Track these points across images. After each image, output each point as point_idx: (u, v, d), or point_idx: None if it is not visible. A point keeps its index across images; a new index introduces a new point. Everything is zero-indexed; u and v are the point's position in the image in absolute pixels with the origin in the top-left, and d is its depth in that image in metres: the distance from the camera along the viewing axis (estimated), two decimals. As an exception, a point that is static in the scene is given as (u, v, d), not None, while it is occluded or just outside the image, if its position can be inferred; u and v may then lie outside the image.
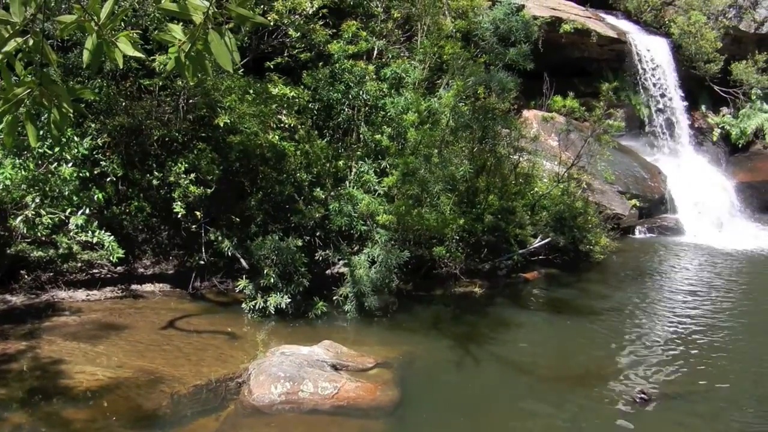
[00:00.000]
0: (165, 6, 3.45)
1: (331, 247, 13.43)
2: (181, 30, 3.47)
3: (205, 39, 3.44)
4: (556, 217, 16.60)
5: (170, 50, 3.54)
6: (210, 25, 3.42)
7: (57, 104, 3.60)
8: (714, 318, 14.48)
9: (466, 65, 15.07)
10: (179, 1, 3.41)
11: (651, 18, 26.89)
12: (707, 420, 10.09)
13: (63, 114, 3.63)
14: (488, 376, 11.34)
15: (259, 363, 9.98)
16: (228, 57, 3.48)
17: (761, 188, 25.82)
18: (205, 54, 3.50)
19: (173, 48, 3.51)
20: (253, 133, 12.90)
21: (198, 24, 3.41)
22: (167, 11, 3.49)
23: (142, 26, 12.43)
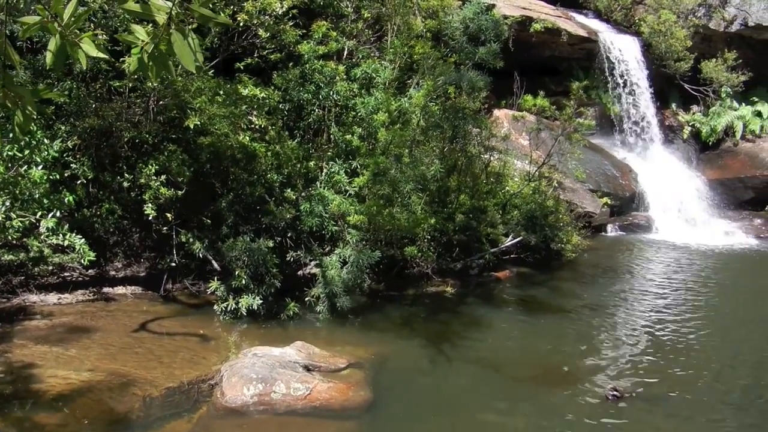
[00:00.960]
0: (128, 7, 3.46)
1: (303, 247, 13.44)
2: (145, 31, 3.49)
3: (168, 40, 3.45)
4: (527, 216, 16.70)
5: (133, 51, 3.55)
6: (173, 26, 3.43)
7: (21, 106, 3.63)
8: (685, 315, 14.63)
9: (436, 65, 15.15)
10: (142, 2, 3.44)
11: (621, 17, 27.10)
12: (679, 416, 10.21)
13: (27, 116, 3.66)
14: (460, 376, 11.39)
15: (231, 364, 9.99)
16: (191, 57, 3.50)
17: (731, 185, 26.13)
18: (169, 55, 3.51)
19: (136, 49, 3.52)
20: (223, 135, 12.89)
21: (161, 25, 3.43)
22: (131, 12, 3.49)
23: (111, 27, 12.41)
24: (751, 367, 12.28)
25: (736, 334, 13.97)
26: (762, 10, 25.59)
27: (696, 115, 27.55)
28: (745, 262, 20.78)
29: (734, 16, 26.09)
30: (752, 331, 14.21)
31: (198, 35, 12.60)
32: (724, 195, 25.94)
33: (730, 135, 26.97)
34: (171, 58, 3.56)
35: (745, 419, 10.24)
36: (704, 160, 27.23)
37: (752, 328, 14.46)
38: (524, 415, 10.25)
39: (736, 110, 27.06)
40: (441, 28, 16.93)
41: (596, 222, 21.40)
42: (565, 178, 20.06)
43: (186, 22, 3.49)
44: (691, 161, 26.95)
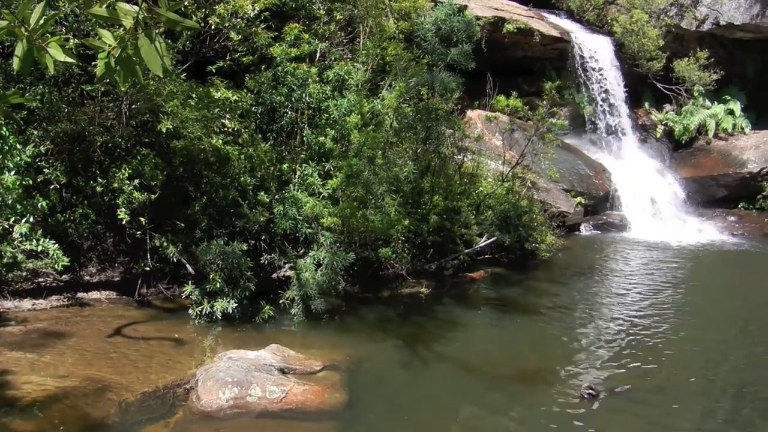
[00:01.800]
0: (95, 11, 3.49)
1: (277, 250, 13.45)
2: (113, 35, 3.51)
3: (135, 44, 3.48)
4: (501, 216, 16.83)
5: (100, 56, 3.57)
6: (140, 30, 3.47)
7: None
8: (660, 313, 14.79)
9: (408, 66, 15.18)
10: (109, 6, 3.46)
11: (593, 17, 27.33)
12: (654, 414, 10.30)
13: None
14: (436, 377, 11.46)
15: (207, 368, 9.99)
16: (158, 61, 3.52)
17: (704, 183, 26.39)
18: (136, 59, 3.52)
19: (103, 54, 3.54)
20: (196, 138, 12.87)
21: (128, 29, 3.46)
22: (97, 16, 3.52)
23: (83, 31, 12.41)
24: (725, 364, 12.47)
25: (711, 331, 14.13)
26: (733, 10, 25.87)
27: (669, 113, 27.82)
28: (719, 260, 21.06)
29: (706, 15, 26.36)
30: (726, 328, 14.41)
31: (170, 39, 12.70)
32: (698, 193, 26.20)
33: (703, 133, 27.26)
34: (138, 63, 3.57)
35: (721, 415, 10.38)
36: (677, 158, 27.50)
37: (726, 325, 14.66)
38: (500, 414, 10.28)
39: (708, 109, 27.35)
40: (413, 29, 16.96)
41: (570, 221, 21.55)
42: (538, 178, 20.20)
43: (153, 26, 3.52)
44: (665, 160, 27.21)
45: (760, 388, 11.31)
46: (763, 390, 11.26)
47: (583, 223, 22.69)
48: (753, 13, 25.70)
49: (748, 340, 13.77)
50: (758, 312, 15.50)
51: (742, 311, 15.60)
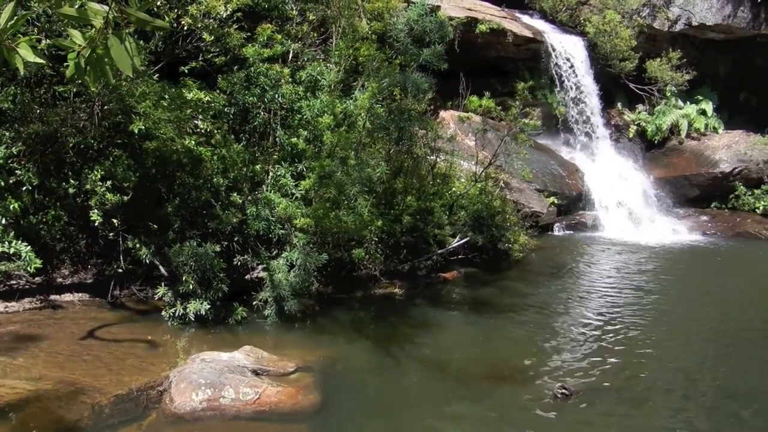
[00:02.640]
0: (65, 11, 3.53)
1: (250, 251, 13.44)
2: (83, 35, 3.55)
3: (105, 44, 3.52)
4: (474, 217, 16.94)
5: (70, 56, 3.61)
6: (110, 30, 3.51)
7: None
8: (633, 312, 14.94)
9: (381, 67, 15.17)
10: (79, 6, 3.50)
11: (566, 17, 27.55)
12: (626, 413, 10.41)
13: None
14: (410, 377, 11.49)
15: (180, 370, 9.99)
16: (128, 61, 3.56)
17: (677, 183, 26.68)
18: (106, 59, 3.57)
19: (72, 54, 3.58)
20: (169, 139, 12.81)
21: (98, 29, 3.50)
22: (67, 16, 3.57)
23: (55, 31, 12.39)
24: (699, 363, 12.61)
25: (684, 330, 14.29)
26: (705, 10, 26.16)
27: (641, 114, 28.09)
28: (692, 259, 21.31)
29: (678, 15, 26.63)
30: (699, 327, 14.59)
31: (142, 39, 12.69)
32: (671, 193, 26.50)
33: (676, 133, 27.59)
34: (108, 63, 3.61)
35: (694, 414, 10.48)
36: (650, 158, 27.79)
37: (699, 324, 14.84)
38: (473, 415, 10.36)
39: (681, 109, 27.66)
40: (386, 30, 17.01)
41: (543, 221, 21.73)
42: (511, 179, 20.36)
43: (123, 26, 3.57)
44: (637, 160, 27.48)
45: (733, 387, 11.44)
46: (737, 388, 11.38)
47: (556, 223, 22.91)
48: (725, 13, 26.01)
49: (720, 338, 13.92)
50: (731, 311, 15.71)
51: (715, 310, 15.78)
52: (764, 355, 13.07)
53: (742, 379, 11.83)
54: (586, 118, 26.28)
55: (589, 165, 25.66)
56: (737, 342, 13.67)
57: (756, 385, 11.55)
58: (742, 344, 13.56)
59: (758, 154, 26.50)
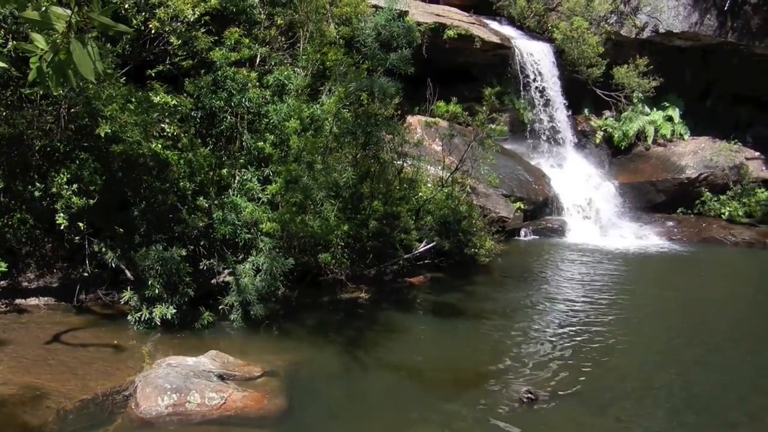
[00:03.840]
0: (27, 15, 3.56)
1: (216, 256, 13.41)
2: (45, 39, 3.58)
3: (67, 48, 3.55)
4: (440, 222, 17.02)
5: (32, 60, 3.63)
6: (73, 34, 3.53)
7: None
8: (598, 317, 15.12)
9: (348, 71, 15.19)
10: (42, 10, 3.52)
11: (534, 23, 27.75)
12: (592, 417, 10.54)
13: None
14: (376, 382, 11.59)
15: (146, 375, 10.00)
16: (90, 66, 3.59)
17: (643, 189, 26.91)
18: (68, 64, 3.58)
19: (34, 58, 3.61)
20: (135, 143, 12.75)
21: (60, 33, 3.53)
22: (30, 20, 3.59)
23: (22, 33, 12.37)
24: (664, 367, 12.79)
25: (649, 335, 14.53)
26: (672, 18, 26.41)
27: (608, 120, 28.33)
28: (658, 264, 21.54)
29: (645, 23, 26.88)
30: (665, 331, 14.82)
31: (109, 42, 12.68)
32: (637, 198, 26.74)
33: (642, 139, 27.87)
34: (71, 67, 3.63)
35: (661, 418, 10.64)
36: (617, 164, 28.05)
37: (664, 328, 15.09)
38: (440, 419, 10.42)
39: (647, 115, 27.93)
40: (354, 34, 17.13)
41: (510, 226, 21.87)
42: (478, 184, 20.48)
43: (86, 31, 3.61)
44: (604, 165, 27.73)
45: (698, 392, 11.66)
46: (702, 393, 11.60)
47: (523, 228, 23.08)
48: (692, 21, 26.28)
49: (686, 342, 14.12)
50: (696, 315, 15.97)
51: (680, 314, 16.06)
52: (729, 360, 13.26)
53: (708, 383, 12.03)
54: (553, 124, 26.50)
55: (556, 170, 25.85)
56: (703, 347, 13.88)
57: (721, 390, 11.73)
58: (707, 349, 13.78)
59: (724, 160, 26.83)
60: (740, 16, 25.84)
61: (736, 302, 17.80)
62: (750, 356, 13.46)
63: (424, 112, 22.32)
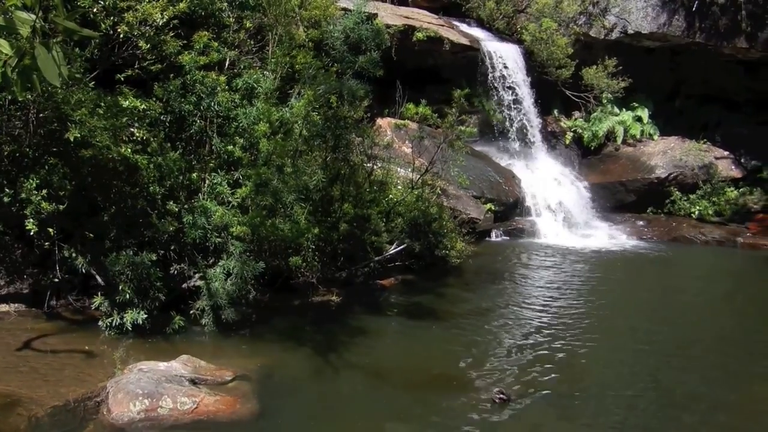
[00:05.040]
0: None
1: (186, 260, 13.47)
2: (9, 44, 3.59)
3: (32, 53, 3.56)
4: (411, 224, 17.11)
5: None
6: (38, 39, 3.54)
7: None
8: (570, 317, 15.29)
9: (317, 74, 15.22)
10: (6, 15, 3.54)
11: (503, 25, 27.97)
12: (564, 417, 10.72)
13: None
14: (348, 385, 11.70)
15: (117, 381, 10.04)
16: (55, 71, 3.61)
17: (613, 189, 27.16)
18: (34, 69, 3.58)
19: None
20: (105, 147, 12.69)
21: (25, 38, 3.54)
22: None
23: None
24: (635, 367, 12.98)
25: (620, 334, 14.76)
26: (641, 19, 26.65)
27: (578, 120, 28.57)
28: (628, 264, 21.69)
29: (614, 24, 27.10)
30: (636, 331, 15.04)
31: (78, 47, 12.64)
32: (607, 198, 26.98)
33: (612, 140, 28.10)
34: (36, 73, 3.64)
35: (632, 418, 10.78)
36: (586, 164, 28.29)
37: (635, 327, 15.31)
38: (412, 421, 10.56)
39: (617, 116, 28.16)
40: (323, 37, 17.18)
41: (480, 228, 21.97)
42: (448, 185, 20.60)
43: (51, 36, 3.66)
44: (574, 166, 27.96)
45: (670, 391, 11.82)
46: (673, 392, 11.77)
47: (494, 230, 23.22)
48: (660, 22, 26.50)
49: (656, 342, 14.26)
50: (666, 314, 16.16)
51: (651, 315, 16.25)
52: (699, 359, 13.48)
53: (678, 383, 12.21)
54: (523, 125, 26.64)
55: (526, 171, 26.01)
56: (673, 346, 14.05)
57: (691, 389, 11.95)
58: (677, 349, 13.95)
59: (693, 160, 27.12)
60: (708, 17, 26.07)
61: (706, 301, 18.06)
62: (720, 357, 13.65)
63: (394, 114, 22.43)
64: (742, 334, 15.12)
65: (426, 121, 20.68)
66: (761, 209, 26.31)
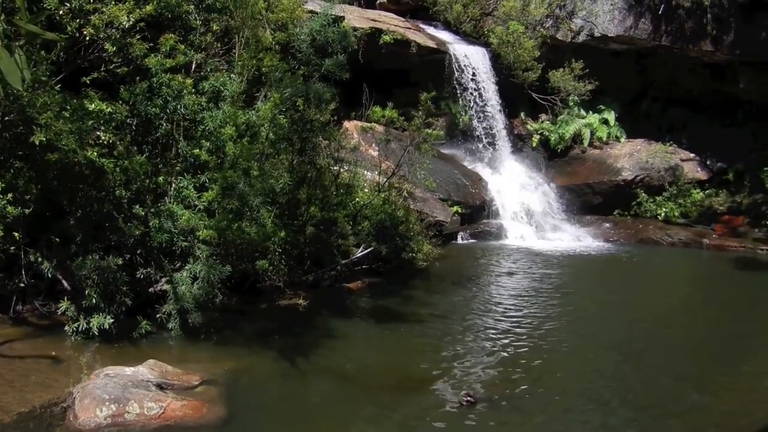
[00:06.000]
0: None
1: (153, 264, 13.49)
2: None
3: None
4: (378, 227, 17.14)
5: None
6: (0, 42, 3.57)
7: None
8: (537, 319, 15.41)
9: (284, 77, 15.21)
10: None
11: (470, 28, 28.16)
12: (530, 418, 10.77)
13: None
14: (315, 388, 11.76)
15: (83, 386, 10.05)
16: (18, 75, 3.63)
17: (580, 191, 27.40)
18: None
19: None
20: (71, 151, 12.64)
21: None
22: None
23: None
24: (602, 368, 13.09)
25: (587, 336, 14.83)
26: (607, 22, 26.87)
27: (545, 123, 28.78)
28: (594, 266, 21.90)
29: (581, 27, 27.32)
30: (602, 333, 15.16)
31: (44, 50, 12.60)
32: (574, 201, 27.23)
33: (578, 142, 28.33)
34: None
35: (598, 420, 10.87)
36: (553, 167, 28.49)
37: (602, 329, 15.42)
38: (379, 424, 10.68)
39: (583, 118, 28.39)
40: (290, 40, 17.24)
41: (447, 230, 22.09)
42: (415, 188, 20.68)
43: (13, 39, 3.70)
44: (541, 168, 28.16)
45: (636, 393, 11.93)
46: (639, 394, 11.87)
47: (460, 232, 23.37)
48: (626, 25, 26.75)
49: (623, 343, 14.39)
50: (632, 316, 16.29)
51: (617, 316, 16.43)
52: (665, 361, 13.57)
53: (643, 384, 12.31)
54: (490, 128, 26.81)
55: (493, 174, 26.22)
56: (639, 348, 14.20)
57: (657, 391, 11.99)
58: (643, 350, 14.10)
59: (659, 162, 27.41)
60: (674, 21, 26.33)
61: (673, 303, 18.34)
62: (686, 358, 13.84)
63: (361, 117, 22.49)
64: (708, 335, 15.30)
65: (393, 124, 20.70)
66: (727, 211, 26.59)
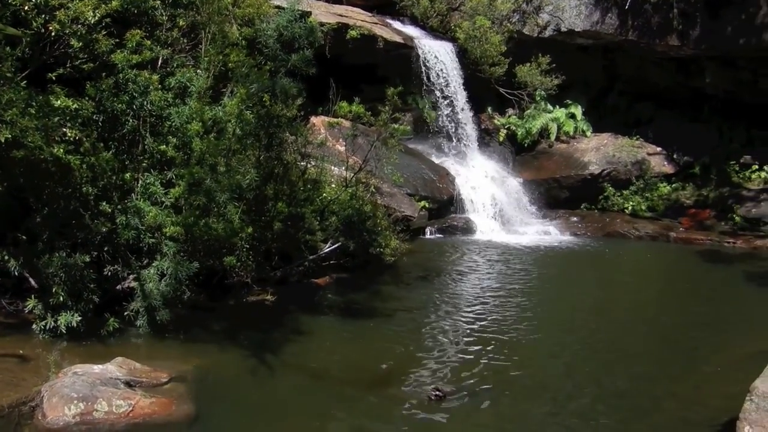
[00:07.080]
0: None
1: (120, 261, 13.50)
2: None
3: None
4: (345, 222, 17.17)
5: None
6: None
7: None
8: (505, 313, 15.62)
9: (250, 72, 15.21)
10: None
11: (437, 23, 28.25)
12: (498, 412, 10.97)
13: None
14: (284, 384, 11.90)
15: (52, 385, 10.10)
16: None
17: (547, 185, 27.71)
18: None
19: None
20: (37, 148, 12.60)
21: None
22: None
23: None
24: (571, 362, 13.33)
25: (555, 330, 15.11)
26: (574, 17, 27.06)
27: (512, 118, 28.96)
28: (562, 260, 22.12)
29: (548, 22, 27.50)
30: (571, 326, 15.44)
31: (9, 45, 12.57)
32: (541, 195, 27.48)
33: (545, 137, 28.55)
34: None
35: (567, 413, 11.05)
36: (520, 161, 28.71)
37: (571, 323, 15.70)
38: (348, 419, 10.80)
39: (550, 113, 28.60)
40: (256, 35, 17.28)
41: (415, 225, 22.21)
42: (382, 183, 20.79)
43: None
44: (508, 163, 28.36)
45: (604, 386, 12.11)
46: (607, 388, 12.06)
47: (428, 227, 23.50)
48: (593, 20, 26.93)
49: (592, 336, 14.65)
50: (600, 309, 16.61)
51: (585, 310, 16.66)
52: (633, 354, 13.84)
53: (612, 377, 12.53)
54: (457, 123, 26.93)
55: (460, 169, 26.32)
56: (607, 342, 14.44)
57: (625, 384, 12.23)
58: (611, 344, 14.34)
59: (626, 156, 27.71)
60: (641, 15, 26.52)
61: (640, 296, 18.69)
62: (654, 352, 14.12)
63: (328, 112, 22.54)
64: (676, 328, 15.46)
65: (360, 119, 20.83)
66: (693, 204, 26.93)
